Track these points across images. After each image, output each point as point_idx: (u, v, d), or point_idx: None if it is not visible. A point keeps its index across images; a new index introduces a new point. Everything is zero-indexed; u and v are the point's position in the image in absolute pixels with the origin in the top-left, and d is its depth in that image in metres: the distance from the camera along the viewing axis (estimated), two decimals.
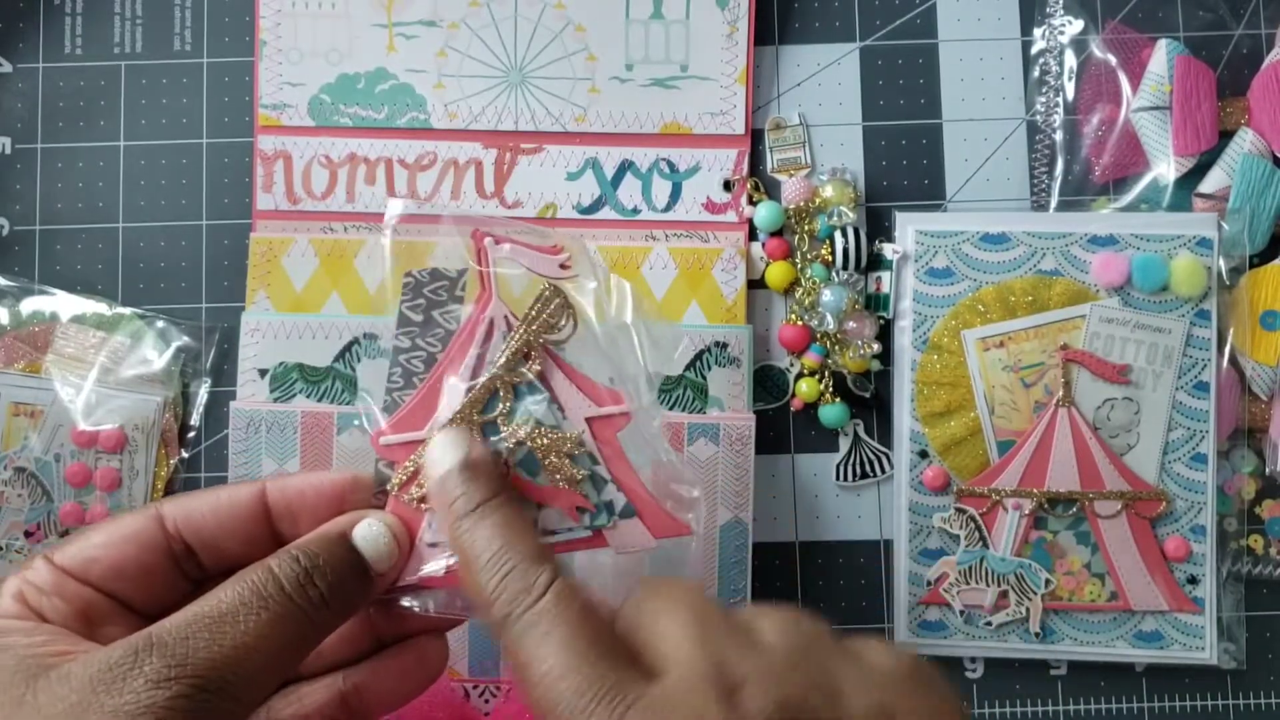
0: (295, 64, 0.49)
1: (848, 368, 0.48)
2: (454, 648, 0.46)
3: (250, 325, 0.47)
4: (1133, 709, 0.48)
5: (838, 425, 0.49)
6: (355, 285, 0.48)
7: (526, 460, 0.33)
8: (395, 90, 0.49)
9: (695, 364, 0.47)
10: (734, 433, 0.46)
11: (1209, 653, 0.47)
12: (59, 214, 0.50)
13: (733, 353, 0.47)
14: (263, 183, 0.49)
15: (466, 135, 0.49)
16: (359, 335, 0.47)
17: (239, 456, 0.46)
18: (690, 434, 0.46)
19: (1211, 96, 0.48)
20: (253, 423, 0.46)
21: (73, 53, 0.51)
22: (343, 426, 0.46)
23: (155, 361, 0.49)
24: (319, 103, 0.49)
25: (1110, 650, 0.47)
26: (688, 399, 0.47)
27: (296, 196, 0.49)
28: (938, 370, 0.48)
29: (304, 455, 0.46)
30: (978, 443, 0.48)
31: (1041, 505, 0.47)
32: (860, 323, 0.48)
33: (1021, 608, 0.47)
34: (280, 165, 0.49)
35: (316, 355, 0.47)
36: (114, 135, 0.50)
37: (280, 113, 0.49)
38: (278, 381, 0.47)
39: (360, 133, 0.49)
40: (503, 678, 0.47)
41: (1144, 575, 0.47)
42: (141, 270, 0.50)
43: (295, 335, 0.47)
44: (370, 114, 0.49)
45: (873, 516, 0.49)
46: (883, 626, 0.49)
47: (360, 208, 0.49)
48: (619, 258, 0.48)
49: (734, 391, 0.47)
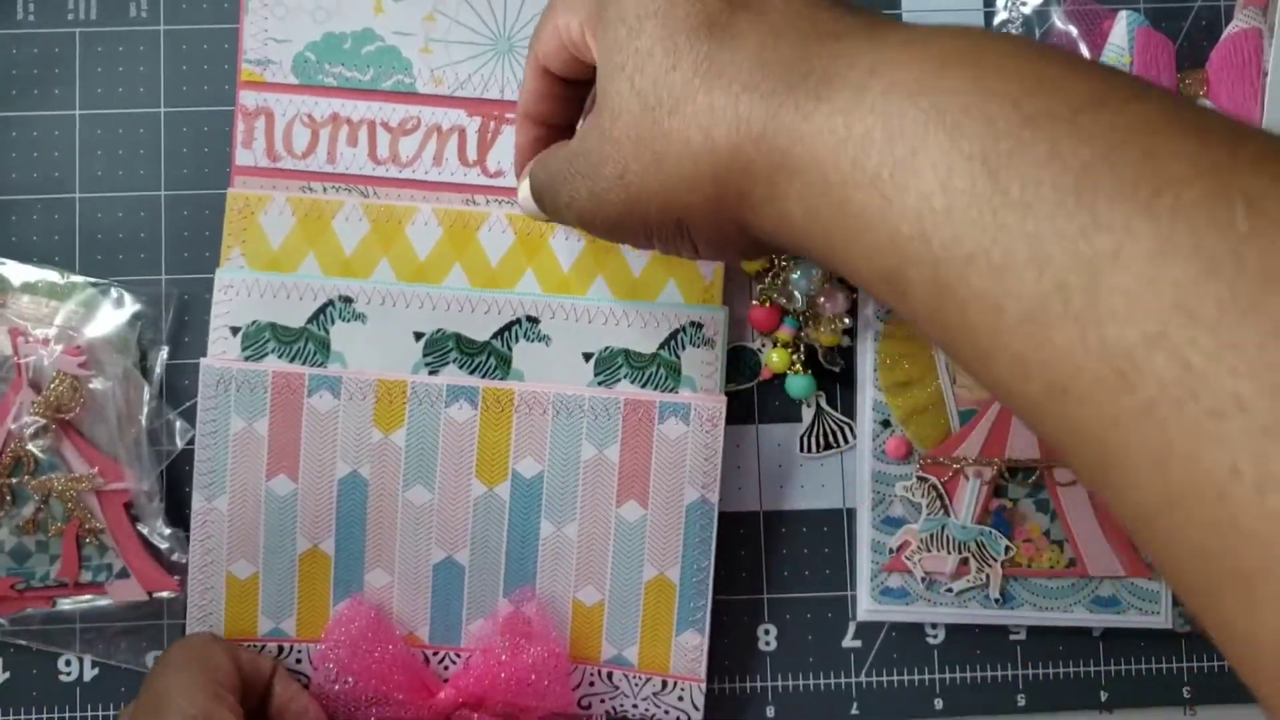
0: (281, 19, 0.49)
1: (820, 342, 0.49)
2: (415, 615, 0.47)
3: (224, 282, 0.47)
4: (1090, 672, 0.49)
5: (803, 396, 0.49)
6: (332, 246, 0.48)
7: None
8: (381, 52, 0.49)
9: (670, 343, 0.47)
10: (705, 413, 0.47)
11: (1164, 617, 0.48)
12: (14, 184, 0.49)
13: (708, 333, 0.47)
14: (243, 138, 0.49)
15: (451, 101, 0.49)
16: (334, 297, 0.47)
17: (208, 414, 0.46)
18: (661, 412, 0.47)
19: (1171, 68, 0.48)
20: (223, 380, 0.46)
21: (25, 19, 0.50)
22: (314, 388, 0.46)
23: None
24: (304, 60, 0.49)
25: (1068, 615, 0.48)
26: (660, 377, 0.47)
27: (277, 154, 0.49)
28: (901, 340, 0.48)
29: (273, 415, 0.46)
30: (939, 412, 0.48)
31: (1002, 473, 0.48)
32: (832, 299, 0.48)
33: (982, 574, 0.48)
34: (262, 121, 0.49)
35: (290, 315, 0.47)
36: (69, 104, 0.50)
37: (264, 69, 0.49)
38: (249, 340, 0.47)
39: (344, 93, 0.49)
40: (462, 646, 0.47)
41: (1101, 541, 0.48)
42: (99, 241, 0.49)
43: (270, 294, 0.47)
44: (355, 75, 0.49)
45: (835, 486, 0.50)
46: (845, 594, 0.49)
47: (341, 169, 0.49)
48: None
49: (707, 372, 0.47)
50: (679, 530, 0.47)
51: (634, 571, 0.47)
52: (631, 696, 0.47)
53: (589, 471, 0.47)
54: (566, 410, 0.47)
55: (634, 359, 0.47)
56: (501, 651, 0.45)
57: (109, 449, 0.47)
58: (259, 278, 0.47)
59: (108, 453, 0.47)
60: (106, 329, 0.48)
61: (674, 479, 0.47)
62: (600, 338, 0.47)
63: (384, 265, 0.48)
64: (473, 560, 0.47)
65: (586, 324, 0.47)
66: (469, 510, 0.47)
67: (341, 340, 0.47)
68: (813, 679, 0.49)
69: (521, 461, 0.47)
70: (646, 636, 0.47)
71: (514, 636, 0.46)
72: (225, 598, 0.47)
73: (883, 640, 0.49)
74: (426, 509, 0.47)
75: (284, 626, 0.47)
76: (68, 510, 0.47)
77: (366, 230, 0.48)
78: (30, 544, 0.47)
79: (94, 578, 0.47)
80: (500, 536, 0.47)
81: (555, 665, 0.45)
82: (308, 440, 0.47)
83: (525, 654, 0.45)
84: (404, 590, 0.47)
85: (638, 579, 0.47)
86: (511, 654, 0.45)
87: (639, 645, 0.47)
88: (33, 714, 0.48)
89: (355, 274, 0.48)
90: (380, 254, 0.48)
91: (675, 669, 0.47)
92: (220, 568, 0.47)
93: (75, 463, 0.47)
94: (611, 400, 0.47)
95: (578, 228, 0.39)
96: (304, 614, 0.47)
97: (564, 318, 0.47)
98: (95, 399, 0.47)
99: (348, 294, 0.47)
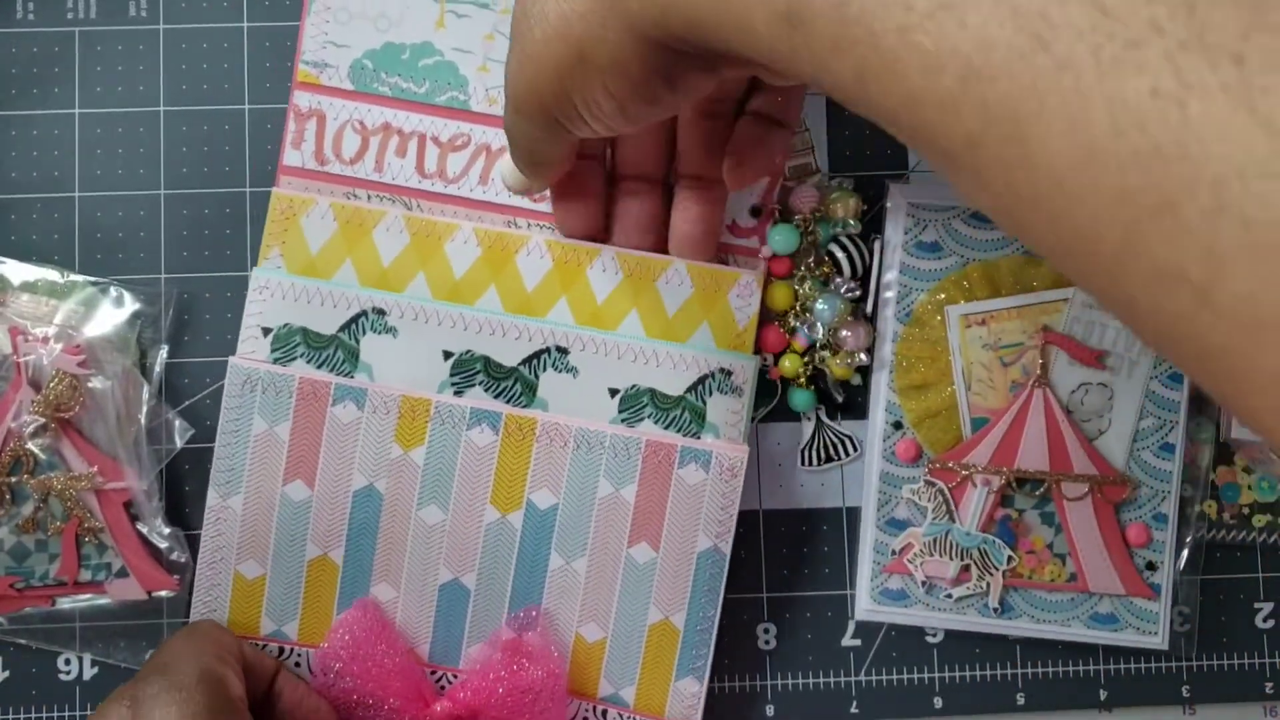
0: (343, 25, 0.49)
1: (831, 371, 0.49)
2: (417, 632, 0.47)
3: (260, 282, 0.47)
4: (1090, 671, 0.49)
5: (804, 410, 0.49)
6: (370, 256, 0.47)
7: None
8: (439, 66, 0.49)
9: (698, 387, 0.47)
10: (726, 462, 0.46)
11: (1161, 638, 0.48)
12: (13, 183, 0.49)
13: (736, 381, 0.47)
14: (293, 139, 0.49)
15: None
16: (368, 308, 0.47)
17: (231, 412, 0.46)
18: (682, 457, 0.46)
19: None
20: (249, 381, 0.46)
21: (25, 18, 0.50)
22: (338, 398, 0.46)
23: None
24: (361, 67, 0.49)
25: (1066, 630, 0.48)
26: (685, 421, 0.47)
27: (325, 158, 0.49)
28: (918, 343, 0.48)
29: (296, 421, 0.46)
30: (952, 417, 0.48)
31: (1010, 483, 0.47)
32: (855, 332, 0.48)
33: (982, 583, 0.48)
34: (313, 124, 0.49)
35: (323, 322, 0.47)
36: (69, 103, 0.50)
37: (320, 71, 0.49)
38: (280, 342, 0.47)
39: (398, 104, 0.49)
40: (460, 668, 0.47)
41: (1104, 558, 0.48)
42: (99, 240, 0.49)
43: (304, 299, 0.47)
44: (411, 86, 0.49)
45: (835, 485, 0.50)
46: (845, 593, 0.49)
47: (388, 179, 0.49)
48: (636, 268, 0.47)
49: (732, 420, 0.47)
50: (688, 577, 0.46)
51: (639, 613, 0.46)
52: None
53: (604, 509, 0.46)
54: (587, 445, 0.46)
55: (660, 400, 0.46)
56: (502, 668, 0.45)
57: (108, 448, 0.47)
58: (295, 281, 0.47)
59: (107, 452, 0.47)
60: (106, 328, 0.48)
61: (688, 525, 0.46)
62: (628, 375, 0.47)
63: (420, 280, 0.47)
64: (479, 585, 0.47)
65: (615, 359, 0.47)
66: (480, 535, 0.46)
67: (371, 352, 0.47)
68: (812, 678, 0.49)
69: (537, 492, 0.46)
70: (645, 678, 0.47)
71: (516, 656, 0.46)
72: (230, 595, 0.47)
73: (882, 639, 0.49)
74: (438, 529, 0.47)
75: (286, 630, 0.47)
76: (67, 509, 0.47)
77: (406, 243, 0.47)
78: (30, 543, 0.48)
79: (93, 577, 0.48)
80: (509, 564, 0.47)
81: (554, 686, 0.45)
82: (327, 449, 0.46)
83: (525, 673, 0.45)
84: (408, 607, 0.47)
85: (642, 621, 0.46)
86: (510, 671, 0.45)
87: (636, 686, 0.47)
88: (32, 713, 0.48)
89: (391, 286, 0.47)
90: (417, 268, 0.47)
91: (671, 714, 0.47)
92: (228, 565, 0.47)
93: (74, 462, 0.47)
94: (633, 440, 0.46)
95: (536, 117, 0.37)
96: (307, 619, 0.47)
97: (593, 351, 0.46)
98: (94, 398, 0.47)
99: (381, 306, 0.47)
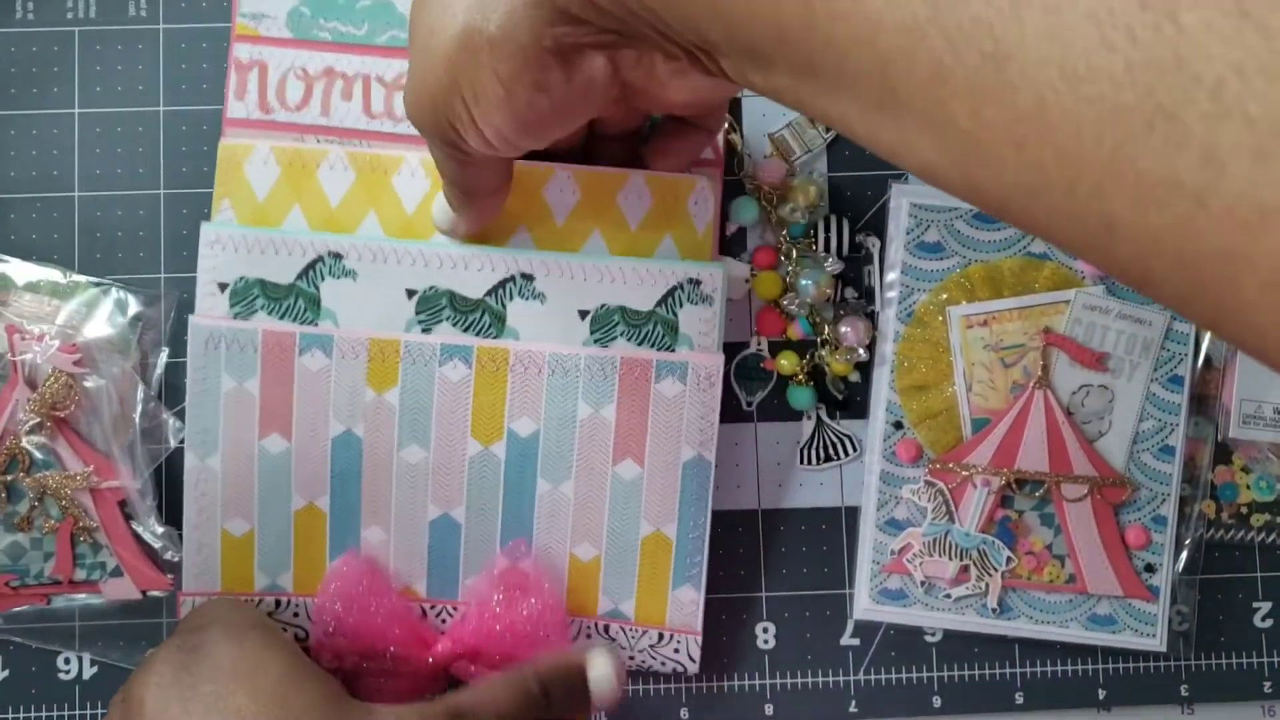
0: None
1: (831, 367, 0.49)
2: (412, 570, 0.47)
3: (210, 237, 0.46)
4: (1089, 671, 0.49)
5: (804, 408, 0.49)
6: (318, 198, 0.46)
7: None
8: (377, 7, 0.48)
9: (667, 300, 0.46)
10: (702, 372, 0.46)
11: (1159, 640, 0.48)
12: (13, 182, 0.49)
13: (706, 290, 0.46)
14: (235, 91, 0.48)
15: None
16: (323, 253, 0.45)
17: (198, 373, 0.46)
18: (658, 372, 0.46)
19: None
20: (211, 338, 0.46)
21: (24, 18, 0.49)
22: (305, 348, 0.46)
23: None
24: (299, 15, 0.48)
25: (1064, 631, 0.48)
26: (658, 335, 0.46)
27: (269, 106, 0.48)
28: (919, 344, 0.48)
29: (264, 375, 0.46)
30: (952, 418, 0.48)
31: (1010, 484, 0.47)
32: (854, 327, 0.48)
33: (981, 583, 0.48)
34: (255, 74, 0.48)
35: (279, 272, 0.46)
36: (69, 103, 0.49)
37: (258, 23, 0.48)
38: (238, 297, 0.46)
39: (339, 48, 0.48)
40: (459, 600, 0.48)
41: (1103, 560, 0.48)
42: (99, 240, 0.49)
43: (257, 250, 0.46)
44: (350, 29, 0.48)
45: (834, 484, 0.50)
46: (844, 592, 0.49)
47: (335, 122, 0.48)
48: (592, 184, 0.46)
49: (704, 330, 0.46)
50: (675, 488, 0.46)
51: (630, 528, 0.47)
52: (629, 648, 0.48)
53: (585, 430, 0.46)
54: (563, 369, 0.46)
55: (631, 316, 0.46)
56: (496, 604, 0.46)
57: (103, 447, 0.47)
58: (245, 233, 0.46)
59: (102, 451, 0.47)
60: (107, 329, 0.48)
61: (671, 438, 0.46)
62: (596, 295, 0.46)
63: (371, 219, 0.46)
64: (469, 517, 0.47)
65: (582, 281, 0.46)
66: (464, 468, 0.46)
67: (332, 297, 0.46)
68: (811, 677, 0.49)
69: (517, 421, 0.46)
70: (643, 591, 0.47)
71: (509, 589, 0.46)
72: (221, 554, 0.47)
73: (881, 638, 0.49)
74: (421, 467, 0.46)
75: (281, 581, 0.47)
76: (62, 508, 0.47)
77: (352, 180, 0.46)
78: (25, 541, 0.47)
79: (88, 576, 0.48)
80: (496, 494, 0.47)
81: (551, 616, 0.46)
82: (300, 399, 0.46)
83: (521, 606, 0.45)
84: (400, 546, 0.47)
85: (634, 535, 0.47)
86: (506, 606, 0.46)
87: (635, 599, 0.47)
88: (32, 712, 0.48)
89: (342, 228, 0.46)
90: (368, 207, 0.46)
91: (671, 622, 0.47)
92: (215, 525, 0.47)
93: (70, 460, 0.47)
94: (608, 359, 0.46)
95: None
96: (300, 569, 0.47)
97: (559, 274, 0.46)
98: (90, 397, 0.47)
99: (338, 250, 0.46)
